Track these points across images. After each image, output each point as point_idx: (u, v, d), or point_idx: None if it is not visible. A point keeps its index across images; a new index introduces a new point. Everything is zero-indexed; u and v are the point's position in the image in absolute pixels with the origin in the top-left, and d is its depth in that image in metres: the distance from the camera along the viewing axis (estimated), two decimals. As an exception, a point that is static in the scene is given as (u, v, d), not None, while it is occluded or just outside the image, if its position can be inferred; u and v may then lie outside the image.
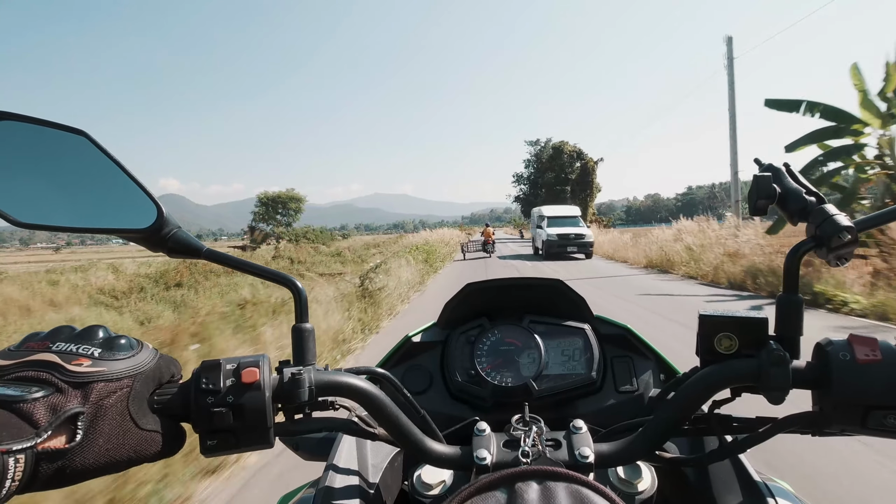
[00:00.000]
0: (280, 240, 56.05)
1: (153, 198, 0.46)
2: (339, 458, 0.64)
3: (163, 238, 0.47)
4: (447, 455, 0.50)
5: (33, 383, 0.34)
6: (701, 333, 0.48)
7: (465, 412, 0.73)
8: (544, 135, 63.10)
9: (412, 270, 10.44)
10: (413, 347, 0.81)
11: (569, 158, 41.51)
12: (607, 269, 12.45)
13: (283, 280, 0.50)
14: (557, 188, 41.41)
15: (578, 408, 0.74)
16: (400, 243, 23.42)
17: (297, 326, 0.49)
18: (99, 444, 0.35)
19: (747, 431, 0.49)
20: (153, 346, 0.42)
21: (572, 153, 41.89)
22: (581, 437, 0.49)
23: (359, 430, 0.50)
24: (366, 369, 0.53)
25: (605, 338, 0.80)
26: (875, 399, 0.40)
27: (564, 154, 42.05)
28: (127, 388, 0.38)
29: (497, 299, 0.81)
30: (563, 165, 41.67)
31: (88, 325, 0.40)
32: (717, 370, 0.46)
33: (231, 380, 0.41)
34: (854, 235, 0.44)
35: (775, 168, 0.51)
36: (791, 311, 0.46)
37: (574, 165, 41.39)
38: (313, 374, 0.44)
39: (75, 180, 0.46)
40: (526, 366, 0.75)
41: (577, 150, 42.22)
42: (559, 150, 42.76)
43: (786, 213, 0.49)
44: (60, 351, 0.36)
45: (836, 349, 0.42)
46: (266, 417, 0.41)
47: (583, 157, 41.51)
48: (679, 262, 10.97)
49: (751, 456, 0.56)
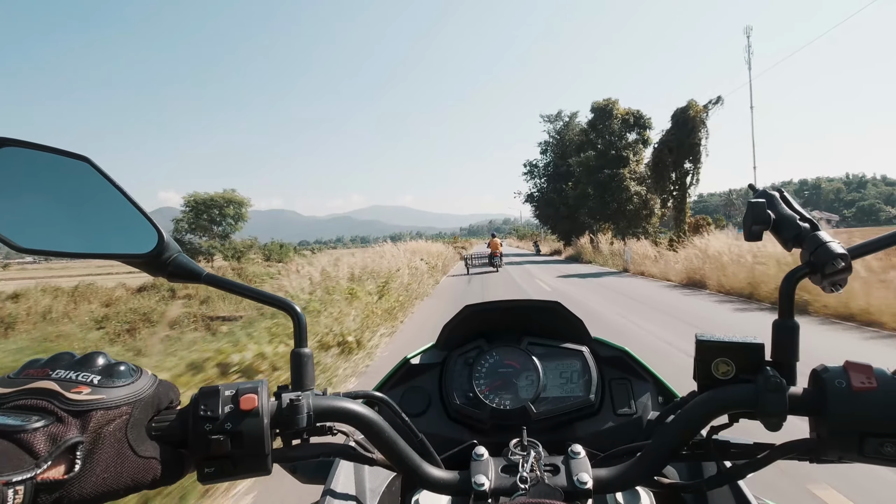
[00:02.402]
0: (213, 257, 39.92)
1: (154, 223, 0.47)
2: (337, 482, 0.67)
3: (163, 263, 0.48)
4: (445, 480, 0.49)
5: (33, 412, 0.34)
6: (698, 358, 0.48)
7: (463, 434, 0.74)
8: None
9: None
10: (411, 369, 0.82)
11: (622, 128, 25.03)
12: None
13: (282, 305, 0.51)
14: (603, 174, 24.53)
15: (577, 430, 0.75)
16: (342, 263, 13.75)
17: (296, 351, 0.49)
18: (97, 472, 0.35)
19: (745, 457, 0.49)
20: (152, 373, 0.42)
21: (626, 118, 24.81)
22: (579, 463, 0.49)
23: (356, 455, 0.50)
24: (364, 393, 0.53)
25: (604, 360, 0.80)
26: (871, 427, 0.41)
27: (614, 119, 24.94)
28: (126, 415, 0.38)
29: (496, 321, 0.81)
30: (613, 138, 24.94)
31: (88, 352, 0.40)
32: (715, 396, 0.46)
33: (229, 406, 0.41)
34: (847, 262, 0.45)
35: (769, 194, 0.52)
36: (787, 336, 0.46)
37: (626, 138, 25.00)
38: (312, 400, 0.45)
39: (77, 206, 0.47)
40: (524, 388, 0.75)
41: (634, 113, 24.81)
42: (604, 112, 25.12)
43: (780, 239, 0.50)
44: (60, 378, 0.36)
45: (832, 376, 0.43)
46: (264, 444, 0.41)
47: (643, 124, 24.73)
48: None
49: (749, 480, 0.55)
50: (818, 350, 4.57)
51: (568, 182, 34.62)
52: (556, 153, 36.47)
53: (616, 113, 25.00)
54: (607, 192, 24.85)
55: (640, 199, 24.04)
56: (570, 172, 34.83)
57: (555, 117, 37.27)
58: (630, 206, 24.04)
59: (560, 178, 34.94)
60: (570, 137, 35.99)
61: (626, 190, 23.83)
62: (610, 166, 24.65)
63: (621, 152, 24.61)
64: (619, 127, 24.92)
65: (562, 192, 34.37)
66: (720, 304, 8.14)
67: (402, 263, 12.24)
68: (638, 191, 23.78)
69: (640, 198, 23.98)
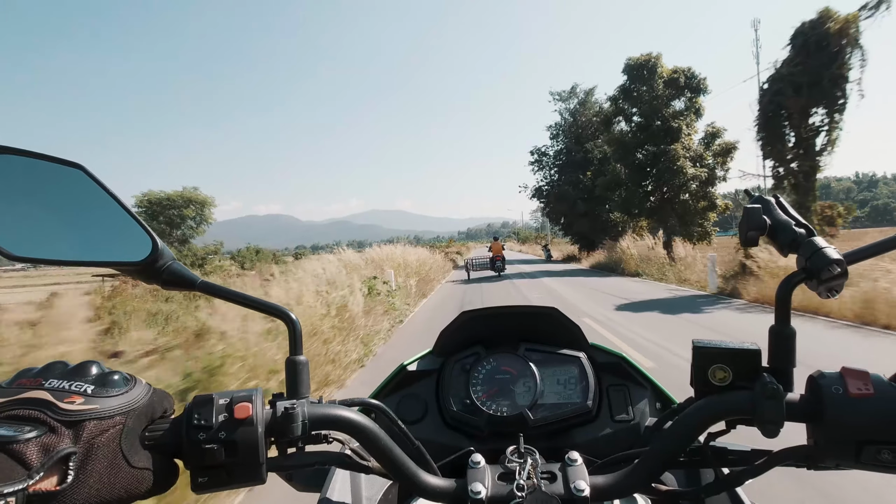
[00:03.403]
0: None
1: (148, 230, 0.47)
2: (333, 490, 0.67)
3: (157, 271, 0.48)
4: (441, 488, 0.49)
5: (26, 422, 0.34)
6: (695, 364, 0.48)
7: (460, 441, 0.73)
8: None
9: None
10: (408, 376, 0.81)
11: (668, 91, 17.99)
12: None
13: (277, 312, 0.51)
14: (646, 153, 17.75)
15: (574, 437, 0.74)
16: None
17: (291, 359, 0.49)
18: (90, 483, 0.35)
19: (743, 464, 0.50)
20: (146, 382, 0.42)
21: (674, 78, 17.83)
22: (576, 470, 0.49)
23: (352, 463, 0.50)
24: (360, 401, 0.53)
25: (601, 366, 0.80)
26: (868, 434, 0.41)
27: (657, 80, 17.97)
28: (119, 425, 0.37)
29: (493, 327, 0.81)
30: (657, 103, 17.84)
31: (82, 361, 0.40)
32: (712, 402, 0.46)
33: (223, 415, 0.41)
34: (843, 268, 0.45)
35: (765, 200, 0.52)
36: (784, 342, 0.46)
37: (672, 106, 17.92)
38: (307, 408, 0.44)
39: (71, 213, 0.47)
40: (521, 395, 0.74)
41: (684, 72, 17.89)
42: (644, 73, 18.11)
43: (776, 244, 0.50)
44: (53, 388, 0.36)
45: (829, 382, 0.43)
46: (259, 453, 0.41)
47: (696, 86, 17.70)
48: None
49: (746, 486, 0.55)
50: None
51: (586, 171, 27.92)
52: (569, 137, 29.59)
53: (660, 72, 18.36)
54: (651, 176, 18.09)
55: (698, 186, 17.43)
56: (587, 160, 28.01)
57: (568, 94, 30.28)
58: (685, 194, 17.40)
59: (576, 167, 28.14)
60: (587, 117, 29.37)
61: (679, 173, 16.99)
62: (654, 141, 17.73)
63: (670, 122, 17.70)
64: (665, 90, 18.25)
65: (579, 184, 27.67)
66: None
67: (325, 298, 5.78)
68: (697, 174, 17.09)
69: (700, 183, 17.38)
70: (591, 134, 28.70)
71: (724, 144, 17.78)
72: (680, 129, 17.58)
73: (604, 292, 10.59)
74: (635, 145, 18.50)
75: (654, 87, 18.11)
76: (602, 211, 25.94)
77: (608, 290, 10.84)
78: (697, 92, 18.14)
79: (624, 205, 19.59)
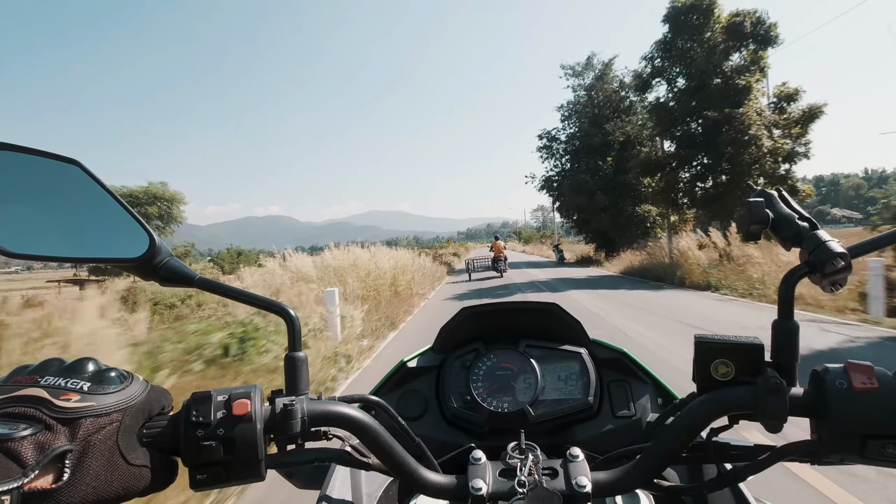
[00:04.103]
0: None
1: (145, 226, 0.47)
2: (333, 487, 0.67)
3: (155, 267, 0.48)
4: (442, 485, 0.49)
5: (21, 420, 0.34)
6: (697, 359, 0.47)
7: (460, 438, 0.74)
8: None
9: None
10: (408, 372, 0.81)
11: (729, 42, 13.40)
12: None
13: (276, 308, 0.51)
14: (706, 119, 13.04)
15: (575, 433, 0.74)
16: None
17: (290, 355, 0.49)
18: (86, 481, 0.35)
19: (745, 460, 0.49)
20: (143, 378, 0.42)
21: (736, 24, 13.10)
22: (578, 466, 0.48)
23: (352, 460, 0.50)
24: (360, 397, 0.53)
25: (602, 362, 0.79)
26: (872, 428, 0.40)
27: (714, 27, 13.48)
28: (116, 422, 0.37)
29: (493, 323, 0.81)
30: (716, 58, 13.40)
31: (78, 358, 0.40)
32: (715, 398, 0.46)
33: (222, 412, 0.40)
34: (847, 262, 0.45)
35: (768, 193, 0.51)
36: (787, 337, 0.46)
37: (726, 62, 13.34)
38: (306, 404, 0.44)
39: (67, 210, 0.47)
40: (522, 391, 0.74)
41: (750, 15, 13.28)
42: (694, 19, 13.59)
43: (779, 238, 0.50)
44: (49, 385, 0.36)
45: (833, 377, 0.42)
46: (257, 450, 0.41)
47: (765, 36, 13.06)
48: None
49: (750, 481, 0.54)
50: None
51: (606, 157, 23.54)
52: (585, 118, 25.13)
53: (717, 15, 13.93)
54: (708, 153, 13.57)
55: (773, 163, 12.98)
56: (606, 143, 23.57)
57: (583, 67, 25.85)
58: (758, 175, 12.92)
59: (593, 152, 23.76)
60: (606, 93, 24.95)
61: (751, 145, 12.45)
62: (713, 106, 13.16)
63: (735, 79, 13.14)
64: (723, 40, 13.79)
65: (598, 172, 23.28)
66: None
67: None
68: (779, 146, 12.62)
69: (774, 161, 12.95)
70: (609, 114, 24.30)
71: (808, 108, 13.21)
72: (749, 87, 13.07)
73: (695, 325, 6.24)
74: (686, 113, 14.08)
75: (706, 37, 13.67)
76: (626, 204, 21.52)
77: (702, 322, 6.48)
78: (766, 43, 13.72)
79: (665, 192, 15.23)
